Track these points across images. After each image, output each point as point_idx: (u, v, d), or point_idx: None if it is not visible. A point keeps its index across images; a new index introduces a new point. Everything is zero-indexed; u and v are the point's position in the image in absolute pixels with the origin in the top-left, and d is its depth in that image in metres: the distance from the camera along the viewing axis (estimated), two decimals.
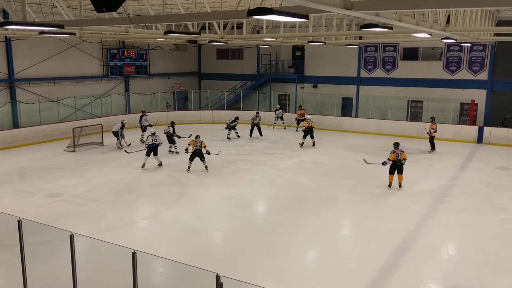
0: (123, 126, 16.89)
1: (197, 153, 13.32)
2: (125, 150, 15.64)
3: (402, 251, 8.25)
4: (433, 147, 16.42)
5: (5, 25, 7.83)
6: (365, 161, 12.91)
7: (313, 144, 17.17)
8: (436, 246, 8.51)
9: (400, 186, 11.89)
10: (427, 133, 16.48)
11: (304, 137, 17.07)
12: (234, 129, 19.04)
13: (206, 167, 13.56)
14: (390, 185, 11.93)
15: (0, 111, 17.83)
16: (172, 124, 16.45)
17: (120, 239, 7.53)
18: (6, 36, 17.41)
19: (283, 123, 21.36)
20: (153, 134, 14.01)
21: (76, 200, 10.92)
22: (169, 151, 16.09)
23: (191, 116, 22.95)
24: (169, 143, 16.15)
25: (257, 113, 19.90)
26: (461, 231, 9.36)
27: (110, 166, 14.40)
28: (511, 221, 9.88)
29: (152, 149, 13.80)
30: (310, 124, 16.96)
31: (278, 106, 22.10)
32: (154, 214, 10.39)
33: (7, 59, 18.10)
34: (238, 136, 19.07)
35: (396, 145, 11.98)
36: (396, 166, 11.70)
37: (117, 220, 9.69)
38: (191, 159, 13.41)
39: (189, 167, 13.51)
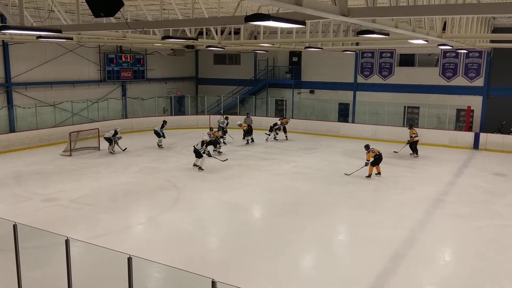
0: (116, 133, 16.86)
1: (212, 142, 15.78)
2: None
3: (399, 256, 8.25)
4: (415, 151, 16.75)
5: (3, 29, 7.83)
6: (347, 174, 13.76)
7: (252, 140, 19.04)
8: (433, 252, 8.52)
9: (380, 174, 13.58)
10: (408, 141, 16.74)
11: (246, 136, 18.82)
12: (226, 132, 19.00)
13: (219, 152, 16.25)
14: (369, 176, 13.35)
15: None
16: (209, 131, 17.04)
17: (116, 244, 7.49)
18: (3, 40, 17.40)
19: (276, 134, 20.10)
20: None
21: (72, 205, 10.87)
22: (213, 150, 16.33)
23: (188, 121, 22.95)
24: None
25: (248, 114, 19.86)
26: (457, 236, 9.38)
27: (107, 170, 14.35)
28: (507, 227, 9.90)
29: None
30: (250, 124, 19.16)
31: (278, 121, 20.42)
32: (150, 218, 10.36)
33: (4, 63, 18.07)
34: (224, 143, 18.53)
35: (367, 146, 13.58)
36: (378, 160, 13.42)
37: (113, 224, 9.64)
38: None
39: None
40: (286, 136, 20.16)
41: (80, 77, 21.14)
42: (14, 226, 5.64)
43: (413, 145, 16.69)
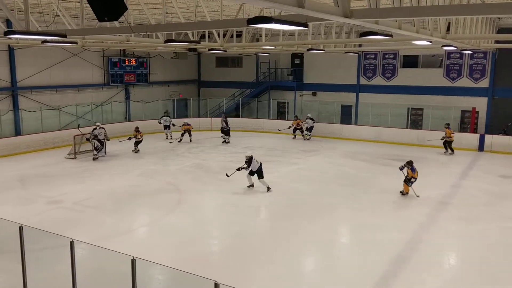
0: (100, 128, 16.66)
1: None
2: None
3: (402, 260, 8.20)
4: (451, 149, 17.47)
5: (9, 34, 7.91)
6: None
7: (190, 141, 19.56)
8: (437, 255, 8.46)
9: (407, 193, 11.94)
10: (443, 137, 17.42)
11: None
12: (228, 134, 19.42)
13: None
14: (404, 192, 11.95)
15: (3, 118, 17.90)
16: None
17: (118, 246, 7.49)
18: (9, 45, 17.53)
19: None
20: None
21: (76, 207, 10.92)
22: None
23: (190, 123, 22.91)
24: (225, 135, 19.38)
25: (224, 117, 20.08)
26: (462, 239, 9.31)
27: (110, 173, 14.40)
28: None
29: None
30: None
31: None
32: (152, 221, 10.38)
33: (10, 67, 18.21)
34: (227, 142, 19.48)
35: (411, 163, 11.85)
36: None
37: (116, 227, 9.67)
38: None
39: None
40: (294, 136, 20.95)
41: (84, 80, 21.26)
42: (20, 228, 5.67)
43: (448, 144, 17.34)
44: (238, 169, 12.20)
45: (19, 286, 6.06)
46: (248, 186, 12.43)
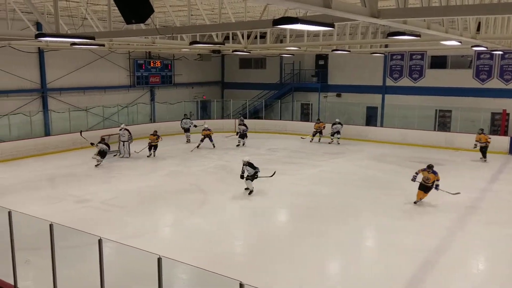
0: (127, 131, 17.05)
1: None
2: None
3: (429, 264, 7.98)
4: (485, 155, 16.46)
5: (39, 37, 8.16)
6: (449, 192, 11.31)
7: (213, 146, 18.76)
8: (465, 260, 8.22)
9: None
10: (476, 145, 16.39)
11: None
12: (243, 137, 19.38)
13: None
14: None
15: (33, 119, 18.52)
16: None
17: (143, 245, 7.58)
18: (39, 48, 18.14)
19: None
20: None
21: (103, 207, 11.16)
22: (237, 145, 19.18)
23: (213, 125, 23.01)
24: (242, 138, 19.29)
25: (241, 120, 20.21)
26: (491, 244, 8.99)
27: (135, 173, 14.66)
28: None
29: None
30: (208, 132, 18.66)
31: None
32: (177, 221, 10.49)
33: (40, 69, 18.83)
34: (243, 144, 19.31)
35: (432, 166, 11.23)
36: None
37: (141, 226, 9.82)
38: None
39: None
40: (311, 139, 20.51)
41: (111, 82, 21.75)
42: (51, 226, 5.82)
43: (484, 149, 16.42)
44: (256, 177, 12.25)
45: (49, 282, 6.22)
46: (245, 189, 12.39)
